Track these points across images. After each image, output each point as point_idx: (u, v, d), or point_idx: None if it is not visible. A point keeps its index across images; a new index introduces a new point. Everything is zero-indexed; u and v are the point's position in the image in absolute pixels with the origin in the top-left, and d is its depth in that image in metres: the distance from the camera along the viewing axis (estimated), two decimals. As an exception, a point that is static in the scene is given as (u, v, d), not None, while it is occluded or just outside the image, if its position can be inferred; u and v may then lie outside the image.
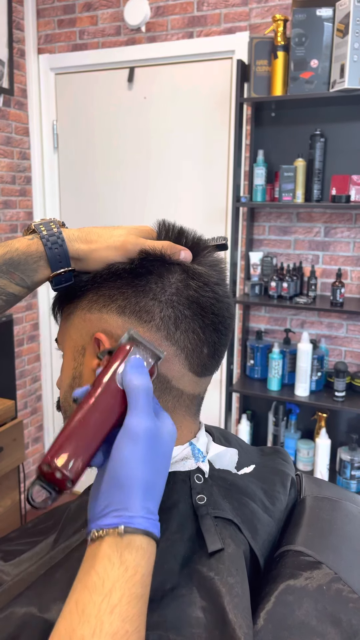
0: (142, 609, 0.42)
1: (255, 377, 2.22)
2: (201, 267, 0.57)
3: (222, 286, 0.58)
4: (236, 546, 0.52)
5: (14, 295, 0.57)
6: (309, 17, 1.79)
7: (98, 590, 0.41)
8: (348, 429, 2.18)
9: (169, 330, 0.55)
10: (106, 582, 0.41)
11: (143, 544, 0.43)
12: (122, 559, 0.42)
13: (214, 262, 0.59)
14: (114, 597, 0.41)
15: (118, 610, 0.40)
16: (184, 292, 0.55)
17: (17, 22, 2.37)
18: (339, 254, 2.12)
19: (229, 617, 0.45)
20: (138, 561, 0.42)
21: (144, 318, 0.54)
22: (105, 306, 0.56)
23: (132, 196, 2.46)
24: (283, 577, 0.51)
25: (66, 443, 0.45)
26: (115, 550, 0.42)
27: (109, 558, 0.42)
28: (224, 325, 0.58)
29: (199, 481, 0.56)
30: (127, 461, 0.44)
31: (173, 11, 2.21)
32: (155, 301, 0.54)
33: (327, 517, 0.61)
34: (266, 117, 2.12)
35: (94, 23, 2.37)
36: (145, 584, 0.43)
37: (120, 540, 0.43)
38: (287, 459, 0.71)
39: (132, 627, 0.40)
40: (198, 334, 0.56)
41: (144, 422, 0.46)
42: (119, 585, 0.41)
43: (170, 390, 0.57)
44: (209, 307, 0.56)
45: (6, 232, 2.41)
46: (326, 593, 0.49)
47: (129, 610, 0.40)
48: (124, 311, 0.55)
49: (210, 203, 2.31)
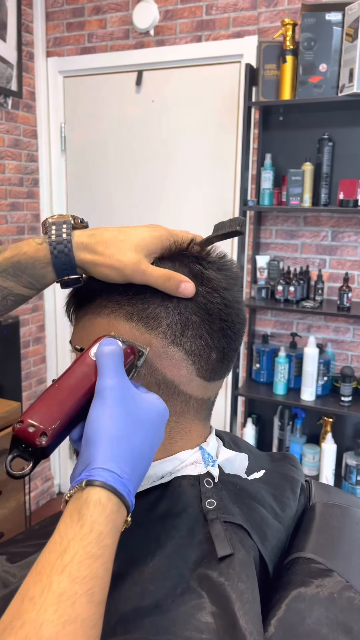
0: (98, 571, 0.39)
1: (261, 381, 2.22)
2: (211, 272, 0.57)
3: (232, 291, 0.58)
4: (246, 552, 0.51)
5: (22, 296, 0.57)
6: (318, 21, 1.79)
7: (55, 548, 0.39)
8: (354, 434, 2.17)
9: (176, 336, 0.55)
10: (64, 540, 0.39)
11: (102, 499, 0.41)
12: (80, 514, 0.40)
13: (224, 267, 0.59)
14: (67, 556, 0.38)
15: (68, 570, 0.38)
16: (192, 298, 0.55)
17: (26, 25, 2.38)
18: (346, 258, 2.12)
19: (239, 624, 0.44)
20: (95, 517, 0.40)
21: (151, 324, 0.54)
22: (114, 311, 0.56)
23: (139, 199, 2.46)
24: (294, 585, 0.51)
25: (39, 404, 0.46)
26: (76, 507, 0.41)
27: (70, 515, 0.41)
28: (233, 331, 0.58)
29: (208, 485, 0.56)
30: (94, 418, 0.44)
31: (182, 15, 2.22)
32: (162, 307, 0.54)
33: (337, 524, 0.61)
34: (274, 121, 2.12)
35: (102, 26, 2.37)
36: (103, 544, 0.40)
37: (81, 495, 0.41)
38: (296, 465, 0.70)
39: (82, 590, 0.37)
40: (206, 339, 0.56)
41: (109, 381, 0.46)
42: (74, 543, 0.39)
43: (178, 394, 0.57)
44: (216, 313, 0.56)
45: (13, 234, 2.42)
46: (337, 601, 0.49)
47: (80, 570, 0.38)
48: (131, 317, 0.55)
49: (218, 206, 2.31)
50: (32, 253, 0.55)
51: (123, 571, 0.50)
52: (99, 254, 0.54)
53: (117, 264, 0.54)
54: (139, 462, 0.45)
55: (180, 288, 0.54)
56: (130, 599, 0.48)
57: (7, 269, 0.55)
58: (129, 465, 0.43)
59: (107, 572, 0.40)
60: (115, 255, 0.54)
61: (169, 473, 0.57)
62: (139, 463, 0.45)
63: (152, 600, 0.47)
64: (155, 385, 0.56)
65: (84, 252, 0.54)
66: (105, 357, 0.47)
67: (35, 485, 2.72)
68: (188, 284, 0.54)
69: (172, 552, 0.50)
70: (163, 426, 0.48)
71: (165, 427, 0.49)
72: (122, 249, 0.54)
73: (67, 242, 0.54)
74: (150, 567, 0.50)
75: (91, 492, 0.41)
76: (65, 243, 0.54)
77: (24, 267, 0.55)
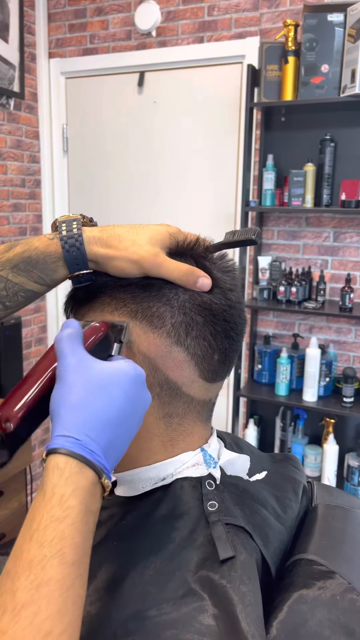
0: (64, 532, 0.39)
1: (262, 381, 2.21)
2: (216, 273, 0.57)
3: (236, 292, 0.58)
4: (248, 554, 0.51)
5: (33, 292, 0.56)
6: (320, 22, 1.79)
7: (27, 521, 0.40)
8: (356, 435, 2.17)
9: (180, 336, 0.54)
10: (32, 511, 0.41)
11: (59, 463, 0.41)
12: (42, 484, 0.41)
13: (228, 268, 0.59)
14: (34, 523, 0.39)
15: (36, 536, 0.39)
16: (197, 298, 0.55)
17: (28, 26, 2.39)
18: (348, 259, 2.12)
19: (241, 626, 0.44)
20: (55, 482, 0.41)
21: (155, 323, 0.54)
22: (117, 309, 0.55)
23: (141, 199, 2.46)
24: (296, 587, 0.50)
25: (6, 398, 0.48)
26: (42, 479, 0.42)
27: (39, 488, 0.42)
28: (235, 332, 0.58)
29: (210, 487, 0.56)
30: (54, 397, 0.45)
31: (184, 16, 2.22)
32: (167, 307, 0.54)
33: (340, 526, 0.61)
34: (276, 121, 2.12)
35: (104, 27, 2.38)
36: (67, 505, 0.40)
37: (44, 467, 0.42)
38: (298, 466, 0.70)
39: (50, 552, 0.38)
40: (209, 340, 0.55)
41: (65, 360, 0.46)
42: (39, 511, 0.40)
43: (181, 396, 0.56)
44: (220, 313, 0.56)
45: (15, 235, 2.42)
46: (340, 603, 0.48)
47: (45, 534, 0.39)
48: (135, 315, 0.55)
49: (219, 207, 2.31)
50: (43, 248, 0.54)
51: (124, 573, 0.50)
52: (113, 248, 0.54)
53: (134, 257, 0.53)
54: (106, 427, 0.44)
55: (199, 283, 0.54)
56: (131, 601, 0.48)
57: (18, 264, 0.54)
58: (89, 428, 0.43)
59: (77, 532, 0.40)
60: (131, 248, 0.53)
61: (171, 475, 0.57)
62: (106, 427, 0.44)
63: (153, 602, 0.47)
64: (158, 386, 0.56)
65: (97, 246, 0.54)
66: (62, 340, 0.47)
67: (37, 485, 2.72)
68: (206, 279, 0.55)
69: (173, 554, 0.50)
70: (134, 387, 0.47)
71: (144, 388, 0.48)
72: (137, 242, 0.54)
73: (79, 235, 0.54)
74: (152, 569, 0.49)
75: (50, 460, 0.42)
76: (76, 237, 0.54)
77: (34, 262, 0.54)
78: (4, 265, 0.55)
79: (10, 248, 0.55)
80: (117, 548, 0.53)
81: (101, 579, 0.51)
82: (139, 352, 0.55)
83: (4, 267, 0.55)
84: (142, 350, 0.55)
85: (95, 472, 0.42)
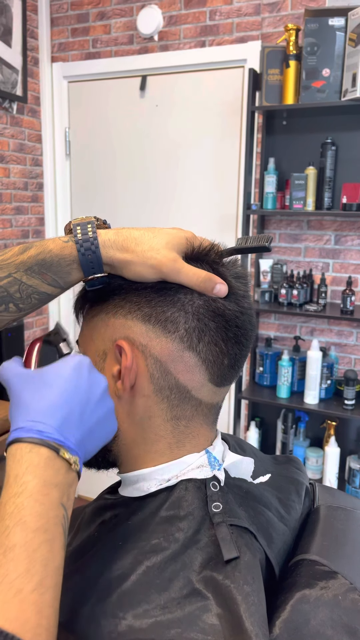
0: (23, 503, 0.43)
1: (264, 384, 2.22)
2: (230, 279, 0.57)
3: (247, 298, 0.58)
4: (252, 554, 0.52)
5: (47, 294, 0.56)
6: (321, 26, 1.80)
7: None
8: (357, 437, 2.17)
9: (192, 341, 0.55)
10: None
11: (11, 449, 0.46)
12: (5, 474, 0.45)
13: (239, 274, 0.59)
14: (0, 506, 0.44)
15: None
16: (212, 304, 0.55)
17: (31, 31, 2.40)
18: (349, 262, 2.12)
19: (245, 625, 0.45)
20: (10, 465, 0.45)
21: (169, 328, 0.55)
22: (131, 312, 0.56)
23: (143, 203, 2.47)
24: (298, 587, 0.51)
25: None
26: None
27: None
28: (245, 338, 0.58)
29: (214, 489, 0.56)
30: (10, 413, 0.49)
31: (186, 20, 2.23)
32: (181, 312, 0.54)
33: (342, 527, 0.61)
34: (277, 125, 2.13)
35: (107, 32, 2.39)
36: (22, 481, 0.44)
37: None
38: (301, 468, 0.71)
39: (12, 522, 0.42)
40: (220, 346, 0.56)
41: (8, 383, 0.50)
42: (2, 495, 0.44)
43: (190, 399, 0.57)
44: (233, 319, 0.56)
45: (18, 238, 2.44)
46: (342, 603, 0.49)
47: (6, 509, 0.43)
48: (149, 319, 0.55)
49: (221, 210, 2.32)
50: (58, 251, 0.54)
51: (129, 572, 0.51)
52: (130, 252, 0.53)
53: (152, 261, 0.53)
54: (52, 408, 0.47)
55: (216, 289, 0.54)
56: (136, 600, 0.48)
57: (33, 266, 0.54)
58: (35, 416, 0.47)
59: (35, 502, 0.43)
60: (148, 253, 0.53)
61: (175, 476, 0.57)
62: (52, 409, 0.47)
63: (158, 601, 0.47)
64: (168, 389, 0.56)
65: (113, 250, 0.54)
66: (3, 372, 0.51)
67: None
68: (223, 285, 0.55)
69: (178, 554, 0.51)
70: (78, 371, 0.50)
71: (90, 371, 0.51)
72: (154, 247, 0.53)
73: (94, 239, 0.53)
74: (156, 569, 0.50)
75: (7, 453, 0.46)
76: (92, 241, 0.53)
77: (49, 264, 0.54)
78: (18, 267, 0.54)
79: (25, 250, 0.55)
80: (123, 548, 0.54)
81: (107, 578, 0.52)
82: (150, 355, 0.55)
83: (18, 269, 0.54)
84: (153, 354, 0.55)
85: (50, 448, 0.46)
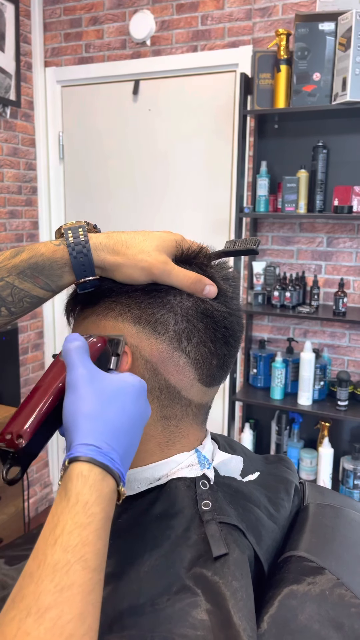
0: (88, 538, 0.40)
1: (258, 386, 2.23)
2: (219, 281, 0.58)
3: (236, 300, 0.60)
4: (241, 551, 0.52)
5: (38, 297, 0.57)
6: (312, 31, 1.82)
7: (48, 525, 0.41)
8: (351, 438, 2.18)
9: (182, 342, 0.56)
10: (54, 516, 0.42)
11: (83, 471, 0.42)
12: (66, 490, 0.42)
13: (228, 276, 0.60)
14: (58, 529, 0.40)
15: (60, 541, 0.40)
16: (200, 305, 0.56)
17: (24, 36, 2.41)
18: (341, 264, 2.14)
19: (233, 620, 0.45)
20: (79, 489, 0.42)
21: (159, 329, 0.55)
22: (121, 314, 0.56)
23: (136, 206, 2.48)
24: (286, 582, 0.52)
25: (14, 415, 0.48)
26: (63, 485, 0.43)
27: (59, 494, 0.43)
28: (234, 339, 0.59)
29: (204, 487, 0.57)
30: (67, 406, 0.46)
31: (178, 25, 2.25)
32: (171, 313, 0.55)
33: (330, 524, 0.62)
34: (269, 129, 2.14)
35: (100, 37, 2.41)
36: (90, 512, 0.41)
37: (66, 474, 0.43)
38: (290, 467, 0.72)
39: (74, 557, 0.39)
40: (209, 346, 0.57)
41: (75, 371, 0.47)
42: (63, 517, 0.41)
43: (179, 399, 0.58)
44: (221, 320, 0.57)
45: (12, 241, 2.44)
46: (329, 598, 0.50)
47: (70, 540, 0.40)
48: (139, 321, 0.56)
49: (214, 213, 2.34)
50: (50, 254, 0.55)
51: (120, 570, 0.51)
52: (121, 255, 0.54)
53: (143, 264, 0.54)
54: (121, 435, 0.46)
55: (206, 290, 0.56)
56: (127, 597, 0.49)
57: (25, 270, 0.55)
58: (108, 437, 0.45)
59: (99, 539, 0.41)
60: (139, 255, 0.54)
61: (166, 475, 0.58)
62: (121, 436, 0.46)
63: (148, 598, 0.48)
64: (158, 390, 0.57)
65: (104, 253, 0.55)
66: (70, 351, 0.48)
67: (34, 491, 2.72)
68: (212, 287, 0.56)
69: (168, 551, 0.51)
70: (141, 398, 0.49)
71: (146, 399, 0.50)
72: (144, 250, 0.55)
73: (85, 242, 0.54)
74: (147, 566, 0.51)
75: (73, 467, 0.43)
76: (83, 244, 0.54)
77: (41, 268, 0.55)
78: (10, 271, 0.55)
79: (17, 254, 0.56)
80: (113, 546, 0.54)
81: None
82: (140, 356, 0.56)
83: (10, 273, 0.55)
84: (144, 355, 0.56)
85: (115, 479, 0.44)
